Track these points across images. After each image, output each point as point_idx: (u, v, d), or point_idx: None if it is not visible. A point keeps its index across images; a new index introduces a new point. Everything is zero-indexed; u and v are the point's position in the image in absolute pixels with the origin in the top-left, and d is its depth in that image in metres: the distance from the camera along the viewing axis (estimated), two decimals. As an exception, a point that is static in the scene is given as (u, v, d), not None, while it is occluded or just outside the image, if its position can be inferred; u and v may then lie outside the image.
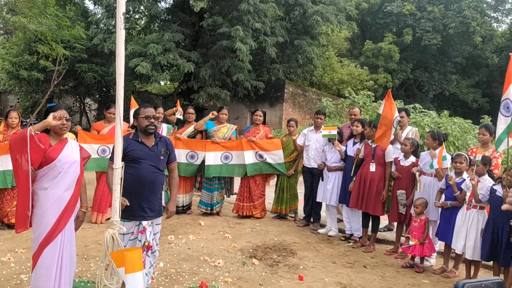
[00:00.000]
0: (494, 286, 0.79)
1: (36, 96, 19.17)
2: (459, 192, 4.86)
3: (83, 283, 4.07)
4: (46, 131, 3.22)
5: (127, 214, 3.48)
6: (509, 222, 4.20)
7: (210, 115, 7.19)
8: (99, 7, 18.58)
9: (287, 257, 5.27)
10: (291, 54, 19.79)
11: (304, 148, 6.92)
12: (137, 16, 20.19)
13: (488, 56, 28.96)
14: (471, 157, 5.09)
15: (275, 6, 17.42)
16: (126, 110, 7.98)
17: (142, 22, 20.74)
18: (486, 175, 4.70)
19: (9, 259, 4.58)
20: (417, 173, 5.44)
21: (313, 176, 6.82)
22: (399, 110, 6.51)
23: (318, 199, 6.65)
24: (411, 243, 5.13)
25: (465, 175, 4.99)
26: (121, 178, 3.22)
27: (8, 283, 3.96)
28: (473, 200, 4.68)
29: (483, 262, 4.77)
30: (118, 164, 3.17)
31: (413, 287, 4.62)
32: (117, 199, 3.18)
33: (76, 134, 6.47)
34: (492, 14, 31.28)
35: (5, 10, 14.82)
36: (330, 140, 6.48)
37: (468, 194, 4.74)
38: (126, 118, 6.88)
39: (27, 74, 16.15)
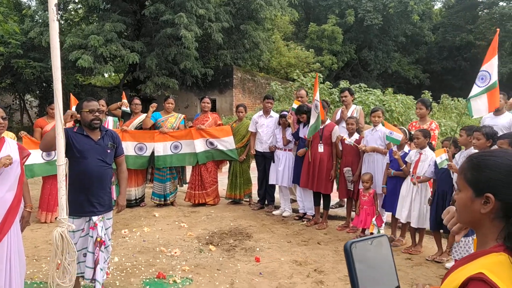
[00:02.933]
0: (380, 241, 0.87)
1: (-30, 95, 18.04)
2: (404, 165, 5.12)
3: (35, 285, 3.96)
4: None
5: (76, 211, 3.42)
6: (453, 190, 4.49)
7: (151, 109, 7.06)
8: (33, 0, 17.64)
9: (243, 241, 5.36)
10: (238, 40, 19.72)
11: (256, 134, 7.00)
12: (75, 6, 19.32)
13: (426, 34, 30.23)
14: (412, 132, 5.37)
15: (218, -9, 17.27)
16: (68, 105, 7.70)
17: (81, 13, 19.88)
18: (427, 147, 4.98)
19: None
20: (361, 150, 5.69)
21: (266, 160, 6.92)
22: (343, 90, 6.73)
23: (271, 182, 6.77)
24: (374, 222, 5.32)
25: (406, 148, 5.27)
26: (66, 175, 3.14)
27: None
28: (416, 172, 4.94)
29: (426, 229, 5.07)
30: (62, 160, 3.09)
31: (364, 258, 4.84)
32: (63, 196, 3.11)
33: (21, 139, 6.17)
34: (428, -8, 32.66)
35: None
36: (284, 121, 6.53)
37: (412, 166, 5.00)
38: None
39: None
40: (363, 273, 0.84)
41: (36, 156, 5.85)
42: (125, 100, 7.20)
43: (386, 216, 5.77)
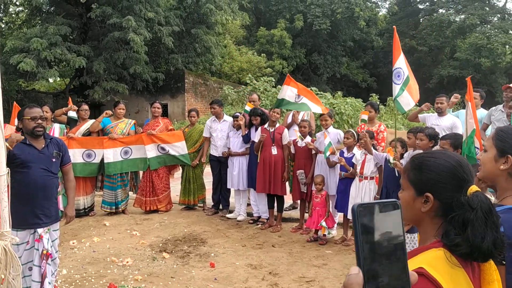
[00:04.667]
0: (390, 206, 0.87)
1: None
2: (351, 168, 5.29)
3: (-25, 304, 3.72)
4: None
5: (20, 223, 3.25)
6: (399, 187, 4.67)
7: (104, 114, 6.89)
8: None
9: (197, 247, 5.31)
10: (189, 44, 19.57)
11: (211, 138, 6.96)
12: (17, 9, 18.43)
13: (373, 39, 31.33)
14: (360, 133, 5.55)
15: (167, -5, 17.08)
16: (10, 112, 7.32)
17: (23, 15, 18.99)
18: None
19: None
20: (314, 152, 5.82)
21: (221, 164, 6.91)
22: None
23: (228, 186, 6.75)
24: (323, 224, 5.41)
25: (355, 150, 5.44)
26: (8, 185, 2.99)
27: None
28: (364, 172, 5.12)
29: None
30: (3, 170, 2.93)
31: (318, 258, 4.93)
32: (6, 208, 2.95)
33: None
34: (373, 0, 33.88)
35: None
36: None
37: (359, 167, 5.17)
38: (7, 120, 6.33)
39: None
40: (368, 236, 0.85)
41: None
42: (73, 105, 6.94)
43: (338, 217, 5.91)
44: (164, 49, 18.50)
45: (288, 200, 6.77)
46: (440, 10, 32.35)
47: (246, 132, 6.44)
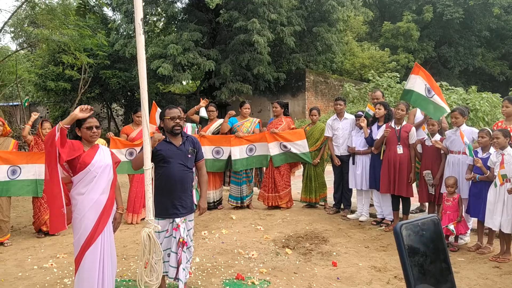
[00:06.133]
0: (430, 223, 0.83)
1: (64, 106, 19.72)
2: (488, 171, 4.82)
3: (124, 282, 4.24)
4: (79, 138, 3.37)
5: (161, 212, 3.61)
6: None
7: (228, 115, 7.29)
8: (118, 14, 18.94)
9: (319, 245, 5.33)
10: (310, 43, 19.65)
11: (333, 138, 6.94)
12: (155, 19, 20.45)
13: (512, 27, 28.00)
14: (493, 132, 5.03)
15: (289, -4, 17.38)
16: (149, 111, 8.14)
17: (161, 24, 21.00)
18: (509, 147, 4.65)
19: (52, 265, 4.77)
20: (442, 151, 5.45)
21: (343, 163, 6.83)
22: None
23: (350, 186, 6.66)
24: (451, 227, 5.05)
25: (491, 149, 4.94)
26: (152, 178, 3.34)
27: (53, 288, 4.17)
28: (503, 174, 4.61)
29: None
30: (148, 165, 3.30)
31: (449, 266, 4.60)
32: (150, 199, 3.30)
33: (108, 140, 6.69)
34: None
35: (26, 23, 15.24)
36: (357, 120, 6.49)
37: (497, 170, 4.67)
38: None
39: (54, 85, 16.61)
40: (415, 258, 0.83)
41: (120, 156, 6.28)
42: (204, 100, 7.43)
43: (472, 222, 5.43)
44: (286, 49, 18.87)
45: (414, 202, 6.43)
46: None
47: (369, 133, 6.27)
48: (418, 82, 5.74)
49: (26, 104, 13.89)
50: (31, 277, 4.43)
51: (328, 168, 7.47)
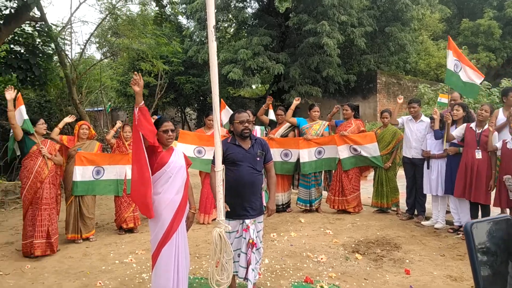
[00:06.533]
0: (503, 223, 0.77)
1: (142, 110, 20.85)
2: None
3: (197, 280, 4.40)
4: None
5: (231, 214, 3.71)
6: None
7: (294, 103, 7.29)
8: (192, 21, 19.70)
9: (391, 251, 5.17)
10: (382, 43, 19.08)
11: (404, 139, 6.71)
12: (226, 25, 21.02)
13: None
14: None
15: (360, -4, 17.04)
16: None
17: (232, 30, 21.52)
18: None
19: (131, 260, 5.09)
20: None
21: (415, 167, 6.58)
22: (505, 91, 6.05)
23: (425, 191, 6.38)
24: None
25: None
26: (223, 180, 3.45)
27: (132, 282, 4.43)
28: None
29: None
30: (219, 167, 3.40)
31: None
32: (221, 200, 3.41)
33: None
34: None
35: (109, 34, 16.36)
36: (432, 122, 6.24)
37: None
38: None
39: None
40: (485, 257, 0.79)
41: (187, 151, 6.48)
42: (269, 97, 7.52)
43: None
44: (356, 51, 18.50)
45: (495, 210, 6.01)
46: None
47: (439, 128, 5.99)
48: (449, 58, 5.42)
49: (109, 109, 14.91)
50: (113, 270, 4.75)
51: (400, 172, 7.21)
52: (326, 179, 7.62)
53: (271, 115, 7.65)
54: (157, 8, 11.10)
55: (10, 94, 5.17)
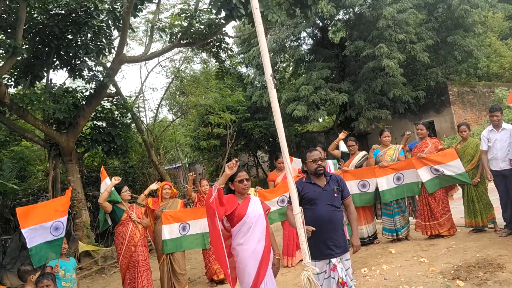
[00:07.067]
0: None
1: (217, 160, 21.63)
2: None
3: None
4: (232, 192, 3.71)
5: (316, 254, 3.68)
6: None
7: (372, 150, 7.15)
8: (251, 68, 20.44)
9: (495, 273, 4.78)
10: (447, 53, 18.36)
11: (489, 152, 6.29)
12: (284, 65, 21.50)
13: None
14: None
15: (415, 12, 16.70)
16: (291, 154, 8.44)
17: (290, 69, 21.96)
18: None
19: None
20: None
21: (506, 178, 6.12)
22: None
23: None
24: None
25: None
26: (303, 222, 3.46)
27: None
28: None
29: None
30: (297, 209, 3.43)
31: None
32: (304, 242, 3.41)
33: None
34: None
35: (177, 94, 17.50)
36: None
37: None
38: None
39: (206, 144, 18.49)
40: None
41: (270, 204, 6.53)
42: (342, 135, 7.45)
43: None
44: (420, 66, 17.97)
45: None
46: None
47: None
48: None
49: (187, 165, 15.71)
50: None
51: (491, 185, 6.72)
52: (410, 205, 7.26)
53: (343, 147, 7.57)
54: (217, 64, 11.77)
55: (116, 180, 5.74)
